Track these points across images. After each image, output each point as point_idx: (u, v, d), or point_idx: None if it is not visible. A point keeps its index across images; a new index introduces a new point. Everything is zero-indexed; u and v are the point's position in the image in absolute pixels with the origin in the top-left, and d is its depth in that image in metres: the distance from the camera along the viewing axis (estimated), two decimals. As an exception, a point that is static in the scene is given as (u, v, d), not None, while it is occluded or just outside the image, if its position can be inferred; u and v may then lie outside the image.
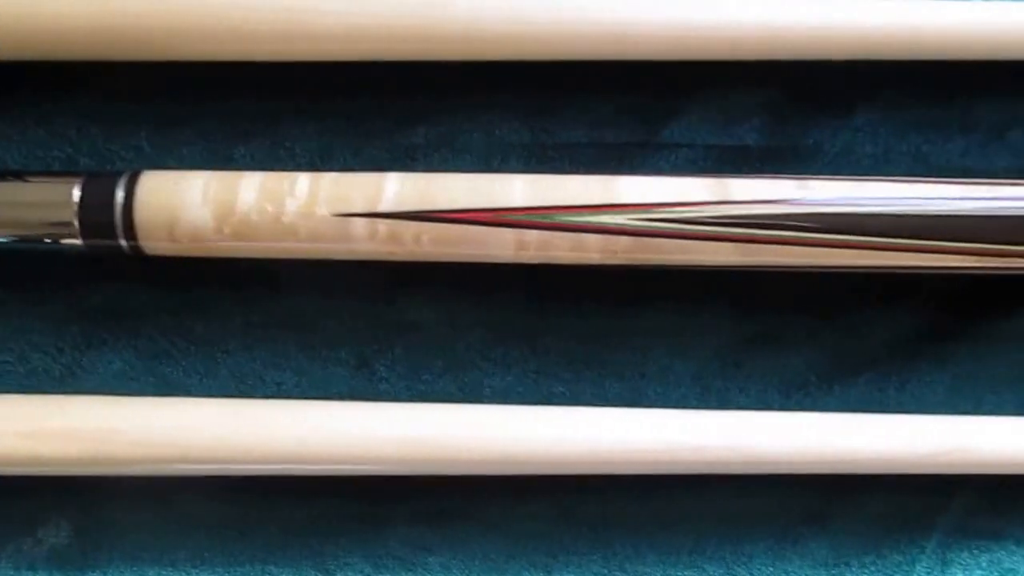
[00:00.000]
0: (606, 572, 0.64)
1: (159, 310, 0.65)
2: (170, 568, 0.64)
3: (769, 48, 0.62)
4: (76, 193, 0.60)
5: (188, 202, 0.59)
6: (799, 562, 0.64)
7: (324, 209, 0.59)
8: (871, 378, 0.65)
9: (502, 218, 0.59)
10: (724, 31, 0.61)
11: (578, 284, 0.64)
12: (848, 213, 0.59)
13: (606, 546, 0.64)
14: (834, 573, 0.64)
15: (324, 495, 0.64)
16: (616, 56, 0.63)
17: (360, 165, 0.65)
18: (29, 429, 0.61)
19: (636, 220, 0.59)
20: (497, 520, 0.64)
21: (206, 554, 0.64)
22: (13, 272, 0.65)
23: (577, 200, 0.59)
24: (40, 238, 0.60)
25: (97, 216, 0.60)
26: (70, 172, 0.63)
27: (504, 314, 0.65)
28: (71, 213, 0.59)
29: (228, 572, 0.64)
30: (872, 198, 0.59)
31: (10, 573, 0.64)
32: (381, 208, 0.59)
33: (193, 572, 0.64)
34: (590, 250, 0.59)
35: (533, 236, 0.59)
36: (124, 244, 0.60)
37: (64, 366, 0.65)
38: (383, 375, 0.65)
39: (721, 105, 0.65)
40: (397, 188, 0.59)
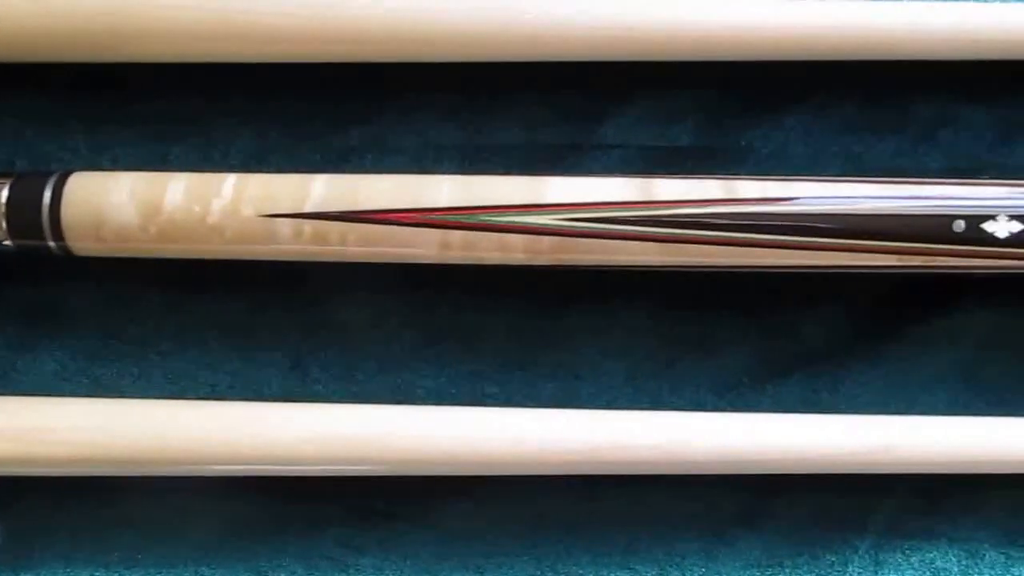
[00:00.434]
0: (538, 573, 0.64)
1: (93, 312, 0.66)
2: (103, 569, 0.64)
3: (702, 49, 0.62)
4: (4, 193, 0.60)
5: (115, 202, 0.60)
6: (732, 563, 0.64)
7: (249, 210, 0.59)
8: (803, 378, 0.65)
9: (426, 218, 0.59)
10: (657, 32, 0.62)
11: (512, 285, 0.64)
12: (772, 213, 0.59)
13: (538, 547, 0.64)
14: (767, 573, 0.64)
15: (257, 496, 0.64)
16: (549, 57, 0.63)
17: (293, 166, 0.65)
18: (-40, 430, 0.61)
19: (560, 220, 0.59)
20: (430, 521, 0.64)
21: (139, 556, 0.64)
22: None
23: (502, 200, 0.59)
24: (-30, 239, 0.61)
25: (25, 216, 0.60)
26: (1, 172, 0.63)
27: (437, 315, 0.65)
28: (-1, 214, 0.60)
29: (161, 573, 0.64)
30: (796, 198, 0.59)
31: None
32: (306, 209, 0.59)
33: (126, 573, 0.64)
34: (515, 250, 0.59)
35: (457, 236, 0.59)
36: (52, 244, 0.60)
37: (-3, 367, 0.65)
38: (316, 376, 0.65)
39: (654, 106, 0.65)
40: (323, 189, 0.59)
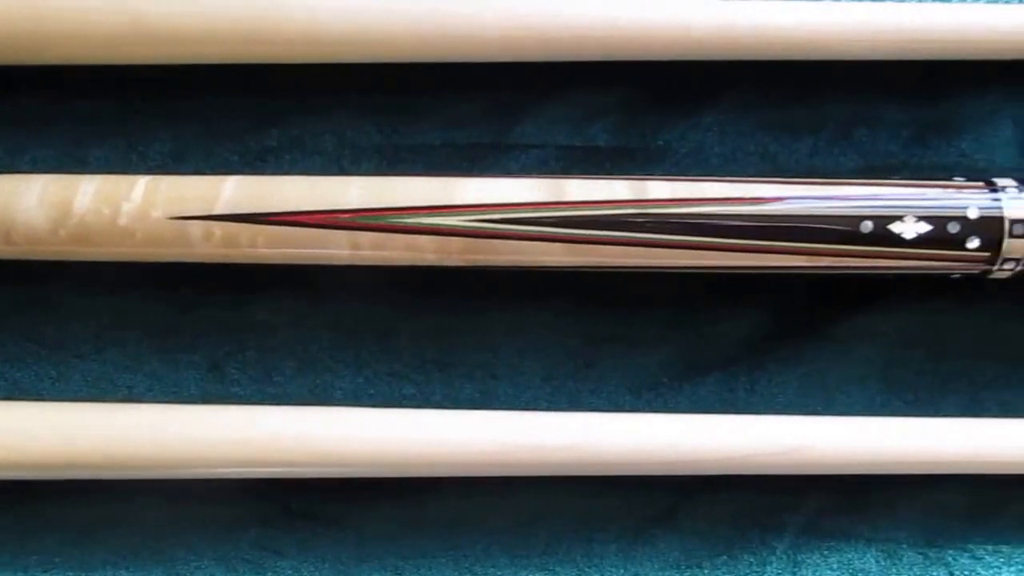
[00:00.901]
0: (456, 574, 0.64)
1: (10, 314, 0.65)
2: (22, 572, 0.64)
3: (619, 49, 0.62)
4: (-83, 197, 0.60)
5: (24, 205, 0.59)
6: (650, 563, 0.64)
7: (159, 212, 0.59)
8: (721, 378, 0.65)
9: (335, 220, 0.59)
10: (574, 32, 0.62)
11: (430, 285, 0.64)
12: (681, 214, 0.59)
13: (457, 548, 0.64)
14: (686, 574, 0.64)
15: (175, 498, 0.64)
16: (467, 57, 0.63)
17: (213, 167, 0.65)
18: None
19: (470, 221, 0.59)
20: (348, 522, 0.64)
21: (57, 559, 0.64)
22: None
23: (411, 202, 0.59)
24: None
25: (-64, 220, 0.60)
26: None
27: (356, 316, 0.65)
28: (-90, 218, 0.60)
29: (79, 576, 0.64)
30: (705, 199, 0.59)
31: None
32: (216, 211, 0.59)
33: (44, 576, 0.64)
34: (424, 251, 0.59)
35: (367, 238, 0.59)
36: (-37, 248, 0.60)
37: (-84, 371, 0.65)
38: (235, 378, 0.65)
39: (572, 106, 0.65)
40: (233, 191, 0.59)
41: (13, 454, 0.61)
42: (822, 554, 0.64)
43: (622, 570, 0.64)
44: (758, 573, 0.64)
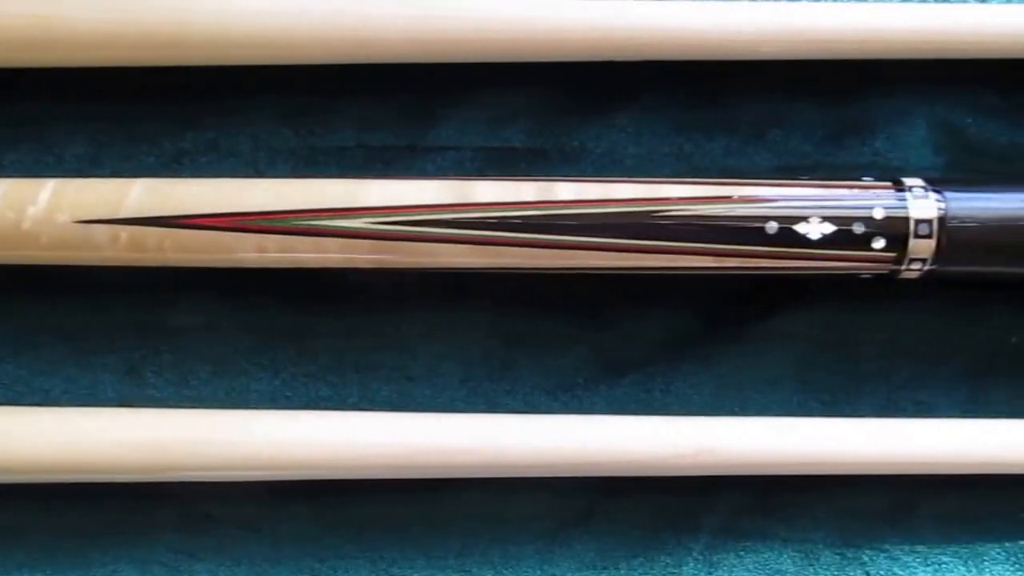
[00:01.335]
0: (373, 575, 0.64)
1: (-75, 318, 0.65)
2: (-63, 576, 0.64)
3: (534, 50, 0.62)
4: None
5: (-70, 210, 0.59)
6: (566, 565, 0.64)
7: (65, 216, 0.59)
8: (637, 379, 0.65)
9: (241, 223, 0.59)
10: (489, 33, 0.61)
11: (345, 286, 0.64)
12: (587, 215, 0.59)
13: (373, 550, 0.64)
14: (602, 575, 0.64)
15: (90, 501, 0.64)
16: (381, 59, 0.63)
17: (130, 170, 0.65)
18: None
19: (375, 224, 0.59)
20: (263, 525, 0.64)
21: (-29, 563, 0.64)
22: None
23: (317, 204, 0.59)
24: None
25: None
26: None
27: (271, 318, 0.65)
28: None
29: (-6, 579, 0.64)
30: (612, 200, 0.59)
31: None
32: (122, 215, 0.59)
33: (-42, 582, 0.64)
34: (331, 253, 0.59)
35: (273, 240, 0.59)
36: None
37: None
38: (151, 381, 0.65)
39: (487, 107, 0.65)
40: (139, 195, 0.59)
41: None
42: (738, 555, 0.64)
43: (538, 571, 0.64)
44: (674, 574, 0.64)
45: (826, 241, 0.58)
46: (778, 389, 0.65)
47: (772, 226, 0.58)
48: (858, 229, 0.58)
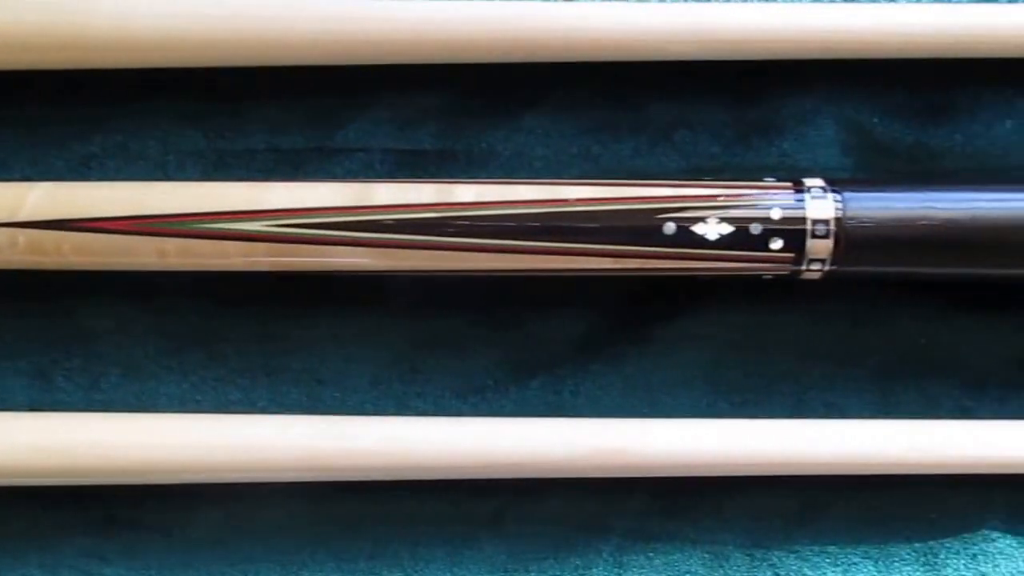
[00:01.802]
0: (283, 579, 0.64)
1: None
2: None
3: (441, 52, 0.62)
4: None
5: None
6: (476, 567, 0.64)
7: (-35, 220, 0.59)
8: (546, 381, 0.65)
9: (140, 226, 0.59)
10: (398, 35, 0.61)
11: (254, 290, 0.64)
12: (486, 216, 0.58)
13: (284, 552, 0.64)
14: (512, 577, 0.64)
15: (-1, 505, 0.64)
16: (287, 62, 0.63)
17: (38, 173, 0.65)
18: None
19: (275, 227, 0.58)
20: (173, 529, 0.64)
21: None
22: None
23: (218, 207, 0.59)
24: None
25: None
26: None
27: (181, 321, 0.65)
28: None
29: (-96, 585, 0.64)
30: (510, 202, 0.59)
31: None
32: (21, 218, 0.59)
33: None
34: (231, 257, 0.59)
35: (173, 244, 0.59)
36: None
37: None
38: (61, 385, 0.65)
39: (396, 109, 0.65)
40: (39, 198, 0.59)
41: None
42: (647, 556, 0.64)
43: (448, 573, 0.64)
44: (584, 575, 0.64)
45: (724, 242, 0.58)
46: (687, 390, 0.65)
47: (670, 227, 0.58)
48: (755, 230, 0.58)
